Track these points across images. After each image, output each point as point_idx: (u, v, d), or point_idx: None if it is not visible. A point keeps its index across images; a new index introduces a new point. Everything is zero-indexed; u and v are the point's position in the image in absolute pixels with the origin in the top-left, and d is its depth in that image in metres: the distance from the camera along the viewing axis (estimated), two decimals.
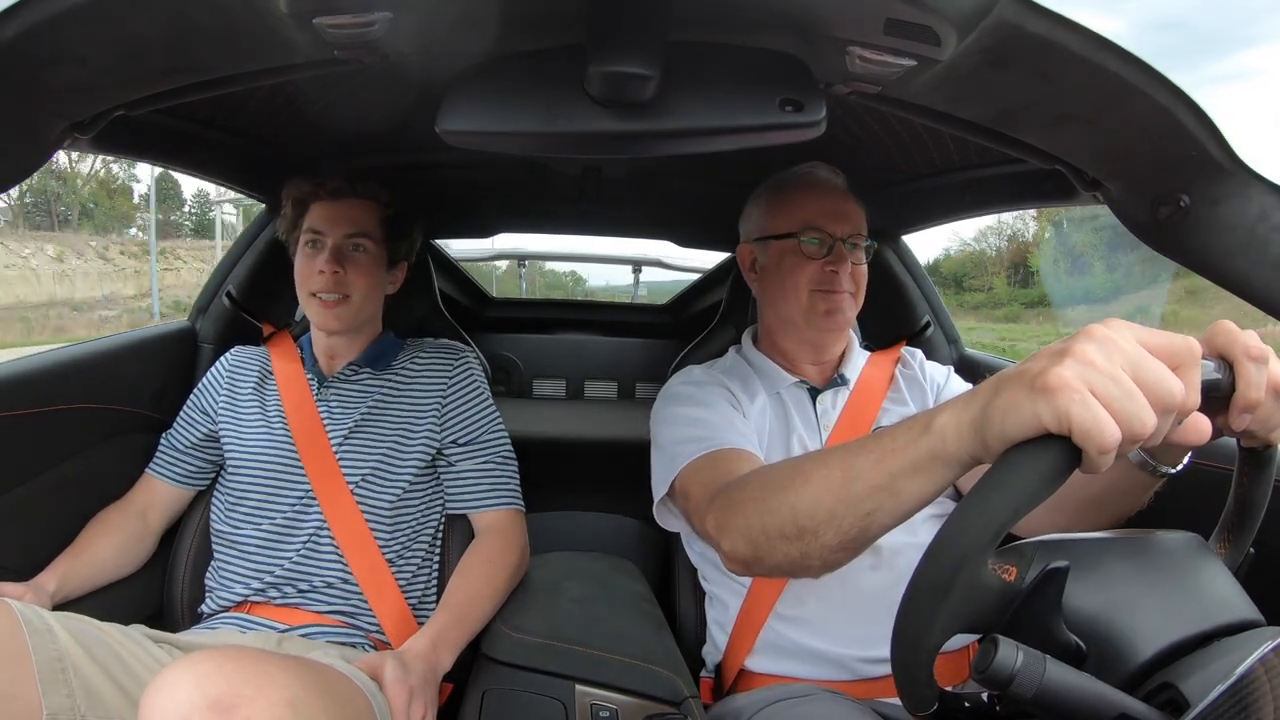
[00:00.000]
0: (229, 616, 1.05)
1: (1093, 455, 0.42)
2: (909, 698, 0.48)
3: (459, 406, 1.16)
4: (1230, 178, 0.64)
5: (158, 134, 1.04)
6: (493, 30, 0.61)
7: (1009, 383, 0.46)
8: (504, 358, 2.01)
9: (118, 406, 1.17)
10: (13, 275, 20.78)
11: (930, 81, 0.62)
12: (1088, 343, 0.44)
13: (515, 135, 0.65)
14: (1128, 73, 0.56)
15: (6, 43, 0.53)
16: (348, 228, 1.11)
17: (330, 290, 1.09)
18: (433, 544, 1.17)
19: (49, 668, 0.76)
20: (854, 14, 0.56)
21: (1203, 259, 0.69)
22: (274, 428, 1.13)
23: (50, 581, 0.97)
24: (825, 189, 1.03)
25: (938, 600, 0.44)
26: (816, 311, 1.00)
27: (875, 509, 0.54)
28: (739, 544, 0.67)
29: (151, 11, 0.54)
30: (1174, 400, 0.42)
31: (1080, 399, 0.41)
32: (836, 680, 0.91)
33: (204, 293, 1.42)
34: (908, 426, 0.53)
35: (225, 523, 1.11)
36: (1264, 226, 0.64)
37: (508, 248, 2.93)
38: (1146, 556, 0.50)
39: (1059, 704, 0.43)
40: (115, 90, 0.64)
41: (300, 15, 0.53)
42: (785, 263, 1.02)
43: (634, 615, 1.05)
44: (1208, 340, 0.49)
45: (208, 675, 0.61)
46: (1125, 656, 0.46)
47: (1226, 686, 0.40)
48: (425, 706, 0.86)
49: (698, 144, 0.65)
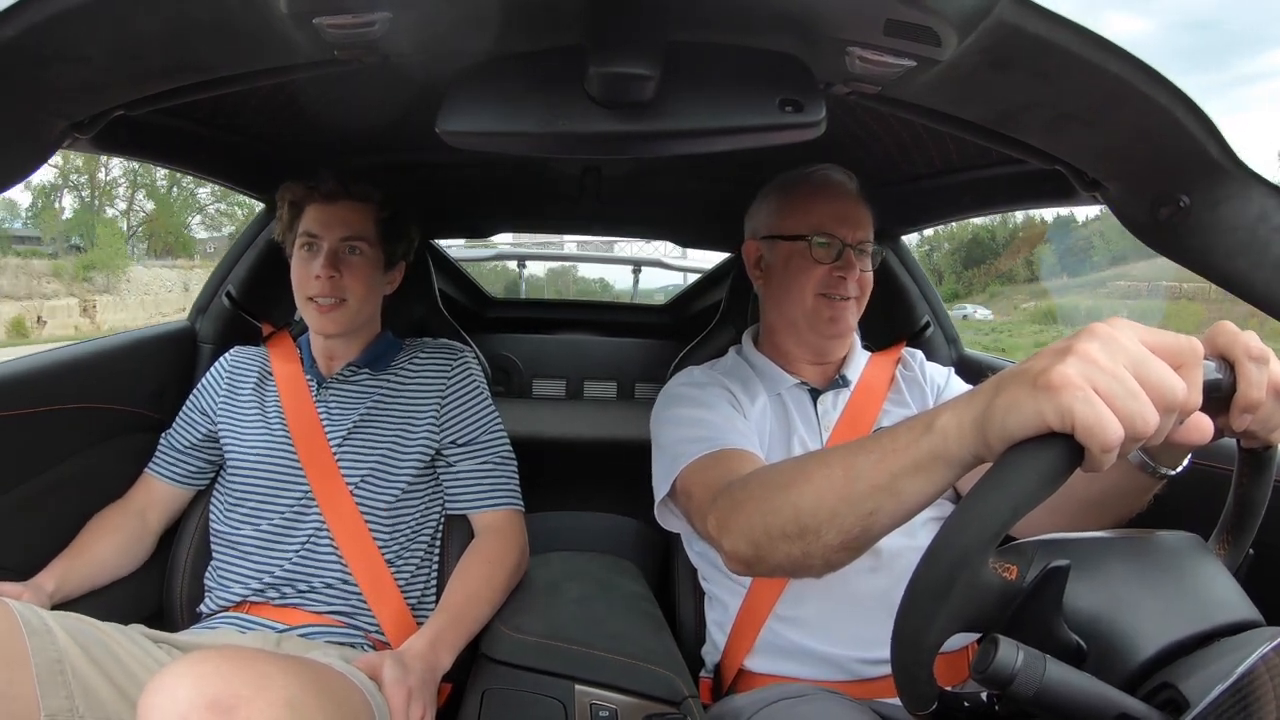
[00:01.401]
0: (228, 616, 1.05)
1: (1095, 453, 0.41)
2: (909, 697, 0.48)
3: (458, 407, 1.16)
4: (1230, 179, 0.64)
5: (158, 134, 1.04)
6: (493, 30, 0.61)
7: (1011, 381, 0.46)
8: (504, 358, 2.01)
9: (117, 406, 1.17)
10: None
11: (930, 82, 0.62)
12: (1091, 341, 0.44)
13: (515, 136, 0.65)
14: (1128, 73, 0.56)
15: (7, 42, 0.53)
16: (343, 231, 1.11)
17: (326, 295, 1.09)
18: (432, 544, 1.16)
19: (48, 669, 0.76)
20: (854, 14, 0.56)
21: (1203, 260, 0.69)
22: (273, 428, 1.13)
23: (49, 581, 0.97)
24: (838, 193, 1.03)
25: (937, 599, 0.44)
26: (820, 317, 1.00)
27: (877, 508, 0.54)
28: (740, 544, 0.67)
29: (152, 11, 0.54)
30: (1176, 399, 0.42)
31: (1083, 396, 0.41)
32: (836, 681, 0.91)
33: (204, 292, 1.42)
34: (909, 426, 0.53)
35: (224, 523, 1.11)
36: (1264, 227, 0.64)
37: (508, 248, 2.94)
38: (1147, 556, 0.50)
39: (1059, 704, 0.43)
40: (115, 90, 0.64)
41: (300, 15, 0.53)
42: (793, 264, 1.01)
43: (633, 615, 1.04)
44: (1209, 340, 0.49)
45: (206, 675, 0.61)
46: (1125, 656, 0.46)
47: (1226, 686, 0.40)
48: (424, 706, 0.86)
49: (698, 144, 0.65)
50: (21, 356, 1.05)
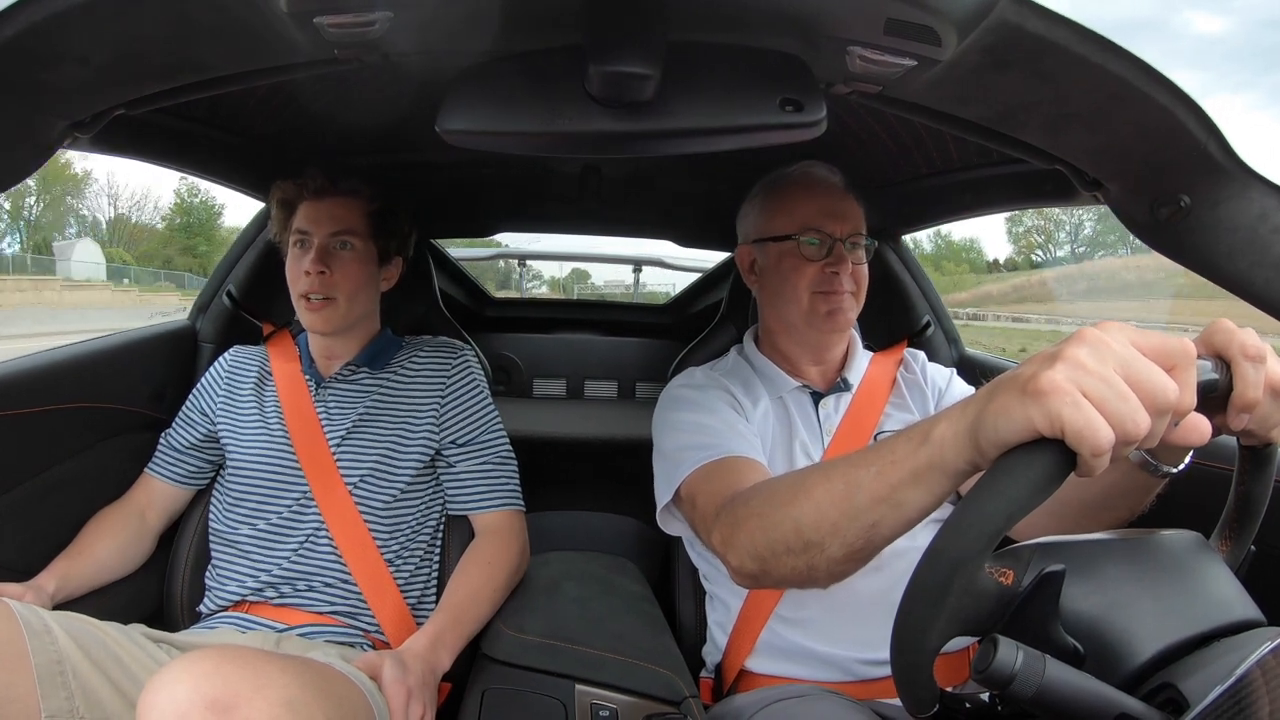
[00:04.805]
0: (228, 616, 1.05)
1: (1086, 458, 0.41)
2: (909, 699, 0.48)
3: (458, 406, 1.16)
4: (1230, 179, 0.64)
5: (157, 134, 1.04)
6: (493, 30, 0.61)
7: (1002, 388, 0.46)
8: (504, 357, 2.01)
9: (118, 406, 1.17)
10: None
11: (930, 81, 0.62)
12: (1079, 346, 0.44)
13: (515, 135, 0.65)
14: (1128, 73, 0.56)
15: (6, 42, 0.53)
16: (332, 226, 1.10)
17: (316, 291, 1.09)
18: (431, 543, 1.16)
19: (48, 670, 0.76)
20: (854, 14, 0.56)
21: (1203, 259, 0.69)
22: (272, 428, 1.13)
23: (49, 582, 0.97)
24: (823, 188, 1.02)
25: (935, 605, 0.44)
26: (817, 314, 1.00)
27: (878, 520, 0.54)
28: (745, 560, 0.68)
29: (152, 11, 0.54)
30: (1168, 401, 0.42)
31: (1072, 401, 0.41)
32: (837, 681, 0.91)
33: (204, 292, 1.42)
34: (907, 437, 0.53)
35: (223, 522, 1.11)
36: (1265, 227, 0.64)
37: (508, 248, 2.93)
38: (1147, 557, 0.51)
39: (1059, 704, 0.43)
40: (115, 90, 0.64)
41: (301, 15, 0.53)
42: (784, 265, 1.01)
43: (634, 615, 1.04)
44: (1205, 339, 0.49)
45: (206, 675, 0.61)
46: (1124, 657, 0.46)
47: (1226, 687, 0.40)
48: (424, 706, 0.86)
49: (698, 144, 0.65)
50: (22, 356, 1.05)
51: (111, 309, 25.84)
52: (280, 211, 1.14)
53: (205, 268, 40.85)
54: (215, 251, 27.51)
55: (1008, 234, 61.85)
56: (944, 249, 58.59)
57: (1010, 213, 12.44)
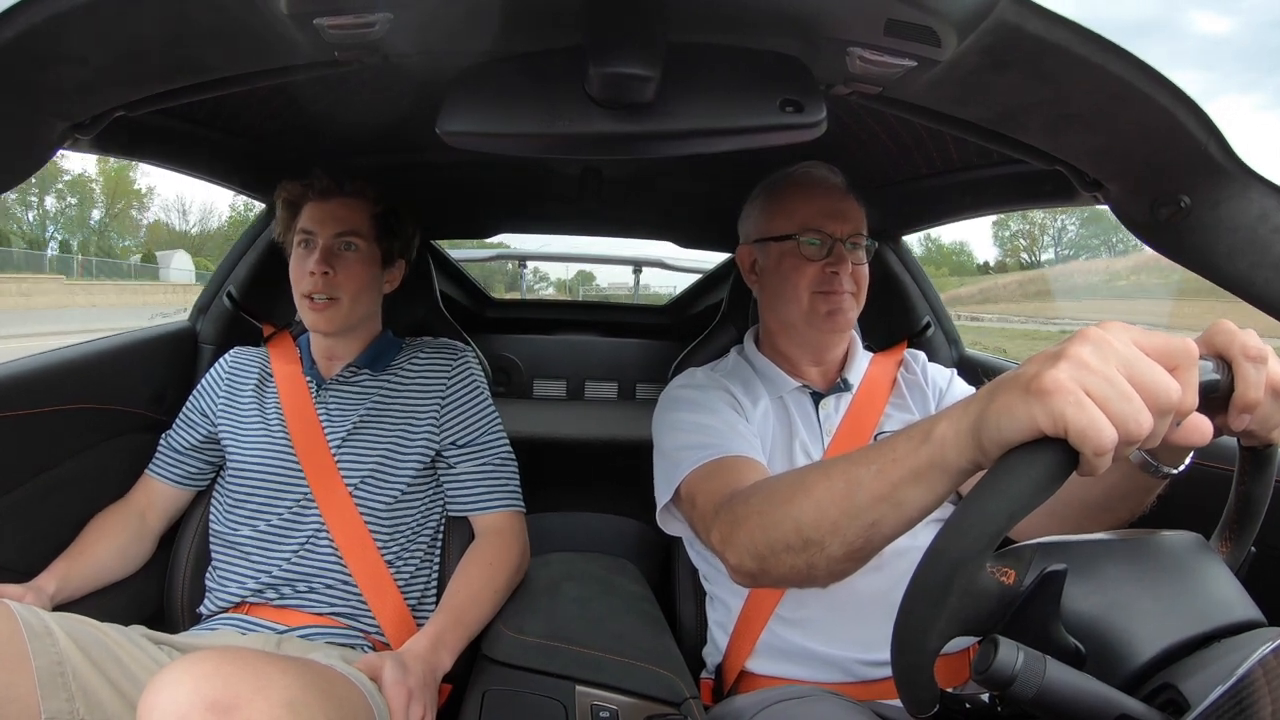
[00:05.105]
0: (228, 617, 1.05)
1: (1089, 457, 0.41)
2: (910, 700, 0.48)
3: (458, 407, 1.16)
4: (1231, 179, 0.64)
5: (157, 134, 1.04)
6: (493, 31, 0.61)
7: (1004, 387, 0.46)
8: (504, 358, 2.01)
9: (118, 407, 1.17)
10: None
11: (930, 82, 0.62)
12: (1083, 345, 0.44)
13: (516, 136, 0.65)
14: (1128, 74, 0.56)
15: (6, 43, 0.53)
16: (337, 227, 1.11)
17: (320, 291, 1.09)
18: (432, 544, 1.16)
19: (48, 671, 0.76)
20: (854, 15, 0.56)
21: (1203, 260, 0.69)
22: (273, 430, 1.13)
23: (50, 583, 0.97)
24: (823, 188, 1.02)
25: (935, 605, 0.44)
26: (818, 314, 1.00)
27: (879, 519, 0.54)
28: (744, 558, 0.68)
29: (152, 12, 0.54)
30: (1170, 401, 0.42)
31: (1075, 400, 0.41)
32: (837, 682, 0.90)
33: (205, 293, 1.42)
34: (908, 436, 0.53)
35: (224, 524, 1.11)
36: (1264, 227, 0.64)
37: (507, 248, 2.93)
38: (1147, 557, 0.50)
39: (1059, 704, 0.43)
40: (115, 90, 0.64)
41: (301, 16, 0.53)
42: (785, 265, 1.01)
43: (634, 616, 1.04)
44: (1206, 340, 0.49)
45: (207, 676, 0.61)
46: (1125, 658, 0.46)
47: (1227, 687, 0.40)
48: (424, 707, 0.85)
49: (698, 145, 0.65)
50: (22, 357, 1.05)
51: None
52: (285, 212, 1.15)
53: None
54: None
55: (993, 238, 62.64)
56: (934, 252, 58.87)
57: (1006, 214, 12.45)
